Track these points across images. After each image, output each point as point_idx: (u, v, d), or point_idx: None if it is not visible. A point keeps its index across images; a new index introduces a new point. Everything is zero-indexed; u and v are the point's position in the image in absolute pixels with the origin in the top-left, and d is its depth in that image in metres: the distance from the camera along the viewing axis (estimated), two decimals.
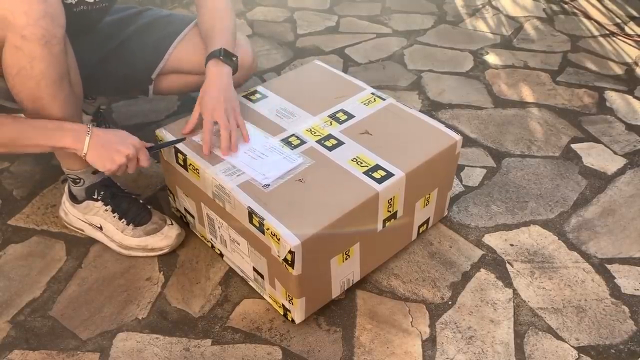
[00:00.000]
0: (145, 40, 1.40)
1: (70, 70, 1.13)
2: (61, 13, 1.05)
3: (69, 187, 1.29)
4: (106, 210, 1.26)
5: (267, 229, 1.02)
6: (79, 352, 1.09)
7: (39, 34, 1.01)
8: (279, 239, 1.00)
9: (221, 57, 1.22)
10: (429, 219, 1.31)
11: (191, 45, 1.40)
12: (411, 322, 1.15)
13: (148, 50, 1.40)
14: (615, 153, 1.60)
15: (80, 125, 1.09)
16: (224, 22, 1.30)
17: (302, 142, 1.20)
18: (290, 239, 0.99)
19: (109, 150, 1.09)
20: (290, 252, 0.99)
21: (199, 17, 1.35)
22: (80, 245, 1.30)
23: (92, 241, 1.31)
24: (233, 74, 1.25)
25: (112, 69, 1.40)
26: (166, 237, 1.26)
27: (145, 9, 1.47)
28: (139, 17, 1.44)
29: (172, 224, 1.28)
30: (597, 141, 1.64)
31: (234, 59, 1.24)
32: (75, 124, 1.09)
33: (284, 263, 1.02)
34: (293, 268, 1.01)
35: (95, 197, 1.25)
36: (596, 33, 2.21)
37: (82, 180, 1.25)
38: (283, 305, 1.12)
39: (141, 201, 1.30)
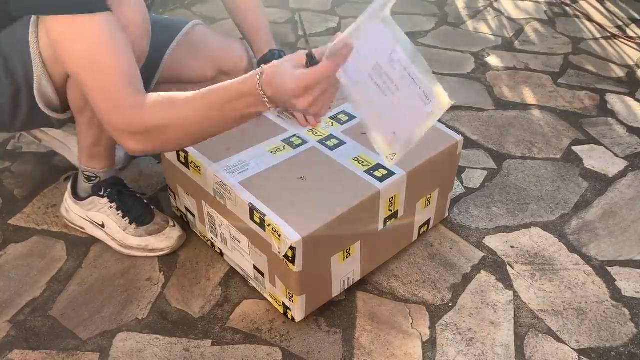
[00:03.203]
0: None
1: None
2: (151, 30, 1.07)
3: (72, 184, 1.29)
4: (111, 207, 1.26)
5: (268, 226, 1.02)
6: (78, 352, 1.09)
7: (138, 51, 1.02)
8: (279, 235, 1.00)
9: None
10: (429, 219, 1.31)
11: (188, 51, 1.38)
12: (411, 323, 1.15)
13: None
14: (616, 155, 1.60)
15: (252, 90, 0.86)
16: (262, 21, 1.32)
17: (304, 142, 1.20)
18: (292, 235, 0.99)
19: (290, 107, 0.87)
20: (291, 248, 0.99)
21: (235, 16, 1.36)
22: (80, 246, 1.30)
23: (93, 241, 1.31)
24: None
25: None
26: (167, 238, 1.26)
27: None
28: None
29: (174, 226, 1.28)
30: (598, 143, 1.64)
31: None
32: (244, 88, 0.87)
33: (285, 260, 1.02)
34: (294, 264, 1.01)
35: (102, 193, 1.25)
36: (598, 35, 2.21)
37: (97, 178, 1.25)
38: (283, 304, 1.12)
39: (145, 201, 1.30)
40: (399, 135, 0.82)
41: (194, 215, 1.28)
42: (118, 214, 1.25)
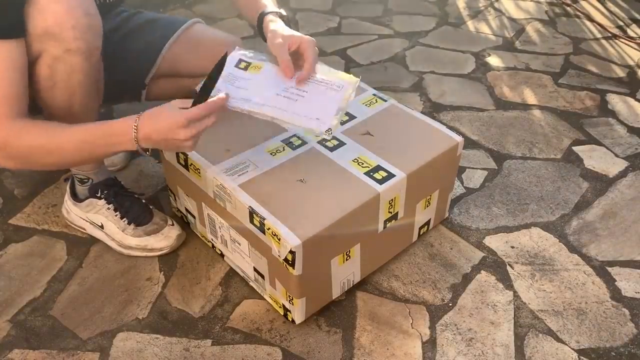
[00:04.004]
0: (137, 43, 1.37)
1: (99, 78, 1.14)
2: (100, 23, 1.05)
3: (71, 186, 1.29)
4: (108, 208, 1.26)
5: (268, 229, 1.02)
6: (79, 352, 1.09)
7: (84, 47, 1.02)
8: (279, 239, 1.00)
9: (280, 13, 1.19)
10: (429, 220, 1.31)
11: (186, 46, 1.38)
12: (411, 323, 1.15)
13: (140, 54, 1.37)
14: (616, 156, 1.59)
15: (125, 129, 0.99)
16: None
17: (304, 143, 1.20)
18: (291, 239, 0.99)
19: (168, 147, 1.01)
20: (291, 252, 0.99)
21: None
22: (80, 245, 1.30)
23: (93, 241, 1.31)
24: None
25: (104, 76, 1.38)
26: (166, 237, 1.26)
27: (136, 12, 1.43)
28: (129, 21, 1.40)
29: (173, 225, 1.28)
30: (599, 144, 1.64)
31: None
32: (119, 126, 1.00)
33: (285, 263, 1.02)
34: (294, 268, 1.01)
35: (99, 195, 1.26)
36: (598, 35, 2.21)
37: (90, 180, 1.25)
38: (283, 306, 1.12)
39: (143, 201, 1.30)
40: (324, 118, 1.00)
41: (194, 217, 1.28)
42: (116, 215, 1.25)
